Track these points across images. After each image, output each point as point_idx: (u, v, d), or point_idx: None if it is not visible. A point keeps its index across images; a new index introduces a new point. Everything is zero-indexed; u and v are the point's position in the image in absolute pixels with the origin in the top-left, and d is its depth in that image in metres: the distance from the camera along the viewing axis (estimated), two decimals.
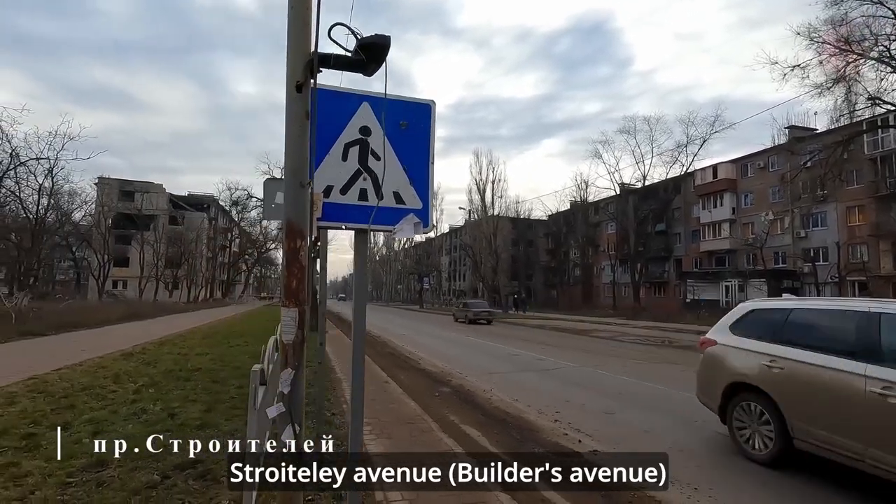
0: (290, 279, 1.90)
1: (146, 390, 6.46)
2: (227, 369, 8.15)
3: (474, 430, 5.39)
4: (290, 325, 1.89)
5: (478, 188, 44.63)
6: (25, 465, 3.67)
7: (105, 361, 9.08)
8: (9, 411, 5.27)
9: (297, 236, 1.93)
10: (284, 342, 1.91)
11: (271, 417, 1.89)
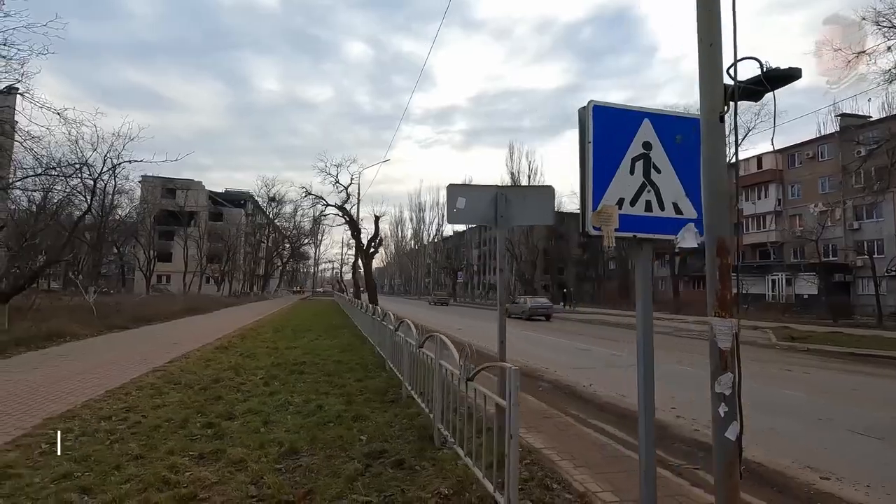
0: (723, 292, 2.07)
1: (273, 383, 6.80)
2: (329, 363, 8.46)
3: (609, 426, 5.53)
4: (726, 333, 2.05)
5: (513, 181, 44.47)
6: (232, 452, 3.96)
7: (206, 354, 9.54)
8: (169, 401, 5.65)
9: (725, 252, 2.09)
10: (721, 349, 2.07)
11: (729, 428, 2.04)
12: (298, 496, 3.26)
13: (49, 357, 9.07)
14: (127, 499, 3.14)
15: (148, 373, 7.51)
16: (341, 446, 4.20)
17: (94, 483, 3.35)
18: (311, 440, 4.34)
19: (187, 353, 9.62)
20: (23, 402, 5.60)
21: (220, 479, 3.49)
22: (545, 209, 3.93)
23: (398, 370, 6.96)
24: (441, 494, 3.29)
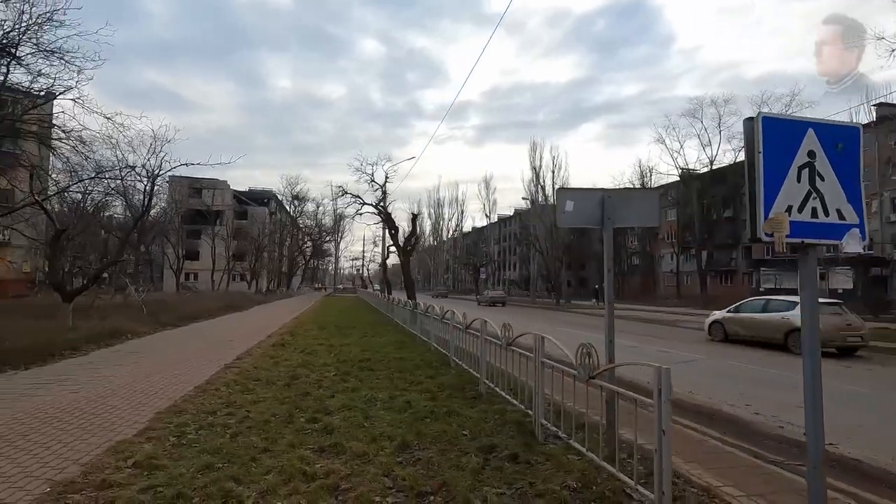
0: None
1: (348, 379, 7.02)
2: (392, 360, 8.64)
3: (686, 420, 5.61)
4: None
5: (536, 176, 44.35)
6: (351, 446, 4.16)
7: (268, 351, 9.84)
8: (262, 397, 5.89)
9: None
10: None
11: None
12: (434, 488, 3.44)
13: (121, 354, 9.46)
14: (278, 488, 3.35)
15: (222, 370, 7.81)
16: (448, 441, 4.37)
17: (239, 474, 3.56)
18: (418, 435, 4.52)
19: (249, 351, 9.94)
20: (127, 398, 5.90)
21: (352, 471, 3.68)
22: (651, 211, 4.03)
23: (470, 367, 7.14)
24: (570, 487, 3.43)
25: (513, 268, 79.70)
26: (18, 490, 3.30)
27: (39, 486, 3.36)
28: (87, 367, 7.98)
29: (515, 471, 3.74)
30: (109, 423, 4.87)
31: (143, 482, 3.42)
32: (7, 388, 6.26)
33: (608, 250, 4.01)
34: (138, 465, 3.73)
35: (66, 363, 8.30)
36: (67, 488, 3.33)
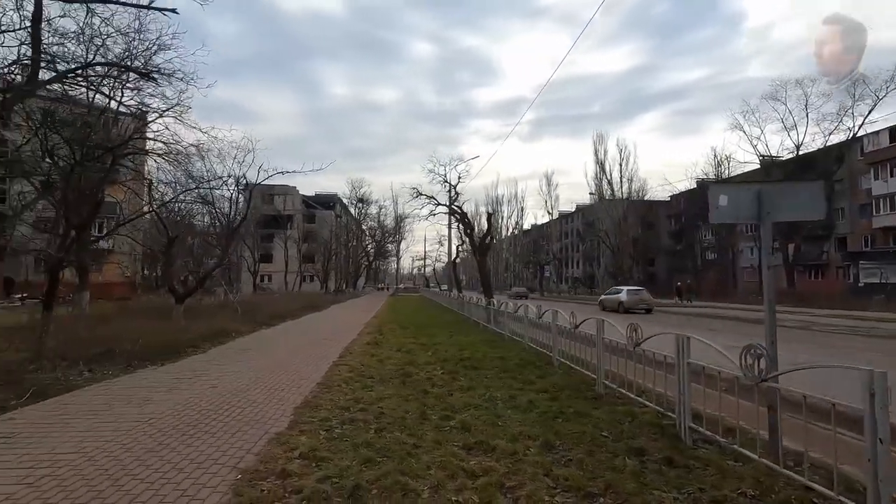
0: None
1: (459, 378, 7.13)
2: (492, 359, 8.67)
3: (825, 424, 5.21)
4: None
5: (602, 169, 42.98)
6: (496, 444, 4.22)
7: (367, 350, 10.19)
8: (385, 395, 6.11)
9: None
10: None
11: None
12: (600, 489, 3.41)
13: (235, 351, 10.15)
14: (446, 483, 3.46)
15: (333, 367, 8.17)
16: (591, 442, 4.32)
17: (403, 468, 3.70)
18: (557, 435, 4.50)
19: (348, 349, 10.35)
20: (262, 392, 6.31)
21: (509, 469, 3.73)
22: (815, 203, 3.77)
23: (576, 366, 7.05)
24: (747, 495, 3.29)
25: (576, 265, 77.83)
26: (213, 476, 3.61)
27: (230, 473, 3.66)
28: (211, 363, 8.63)
29: (677, 475, 3.63)
30: (259, 416, 5.22)
31: (318, 473, 3.64)
32: (157, 382, 6.88)
33: (766, 246, 3.80)
34: (305, 457, 3.97)
35: (191, 360, 9.02)
36: (254, 476, 3.60)
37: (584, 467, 3.78)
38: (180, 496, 3.27)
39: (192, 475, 3.62)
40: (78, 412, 5.28)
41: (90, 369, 7.65)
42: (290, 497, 3.27)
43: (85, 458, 3.92)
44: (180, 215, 23.63)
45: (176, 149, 12.97)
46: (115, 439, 4.38)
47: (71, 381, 6.96)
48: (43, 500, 3.19)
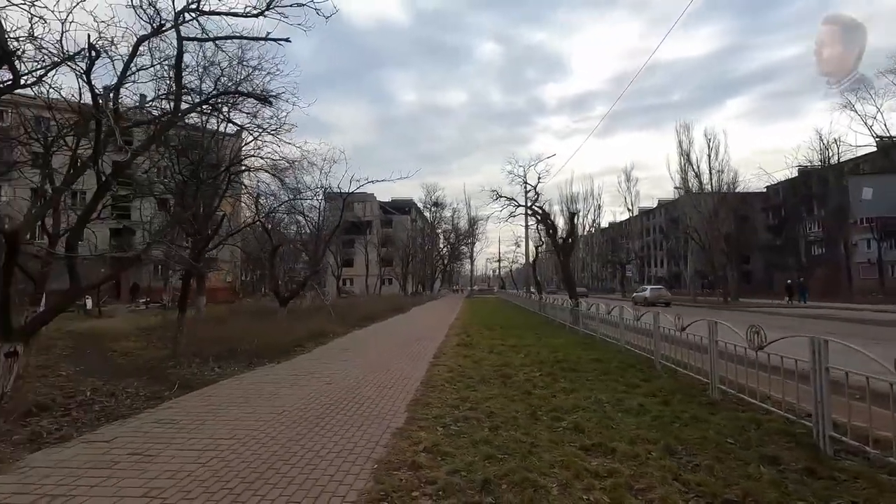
0: None
1: (559, 381, 7.12)
2: (589, 361, 8.56)
3: None
4: None
5: (687, 161, 40.44)
6: (616, 447, 4.20)
7: (459, 350, 10.43)
8: (490, 394, 6.27)
9: None
10: None
11: None
12: (738, 496, 3.30)
13: (336, 351, 10.83)
14: (573, 482, 3.52)
15: (431, 367, 8.48)
16: (717, 448, 4.16)
17: (528, 466, 3.81)
18: (677, 440, 4.39)
19: (440, 350, 10.67)
20: (374, 390, 6.72)
21: (634, 472, 3.71)
22: None
23: (689, 371, 6.77)
24: None
25: (658, 264, 73.81)
26: (352, 464, 3.94)
27: (366, 462, 3.97)
28: (319, 361, 9.29)
29: (823, 486, 3.42)
30: (376, 412, 5.58)
31: (446, 466, 3.85)
32: (278, 379, 7.55)
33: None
34: (429, 451, 4.21)
35: (300, 358, 9.76)
36: (388, 466, 3.89)
37: (714, 474, 3.67)
38: (329, 480, 3.61)
39: (333, 462, 3.98)
40: (221, 403, 5.96)
41: (219, 366, 8.54)
42: (426, 487, 3.50)
43: (240, 443, 4.44)
44: (279, 225, 25.50)
45: (275, 164, 14.13)
46: (259, 428, 4.90)
47: (206, 375, 7.82)
48: (217, 477, 3.67)
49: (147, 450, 4.24)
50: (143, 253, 7.13)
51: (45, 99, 6.71)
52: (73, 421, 5.14)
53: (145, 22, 6.86)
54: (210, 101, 7.65)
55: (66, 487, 3.46)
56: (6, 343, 5.56)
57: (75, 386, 6.66)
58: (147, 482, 3.56)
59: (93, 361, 9.13)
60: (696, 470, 3.76)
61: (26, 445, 4.38)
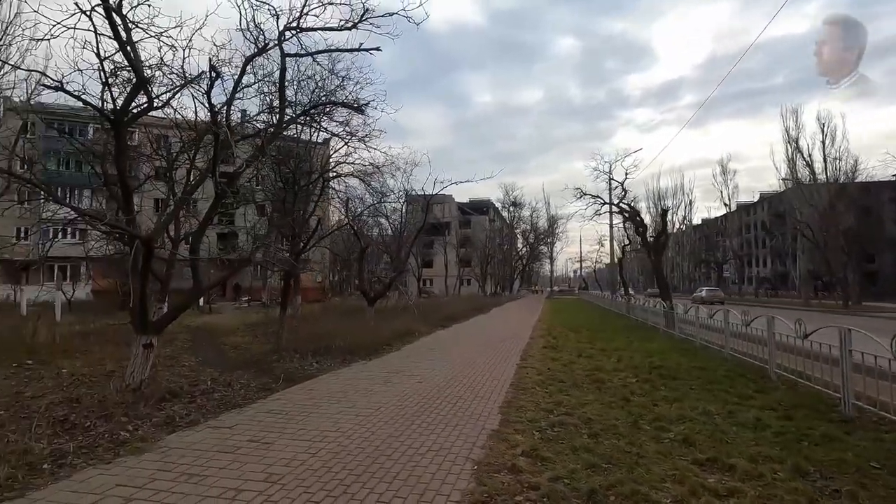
0: None
1: (660, 388, 6.72)
2: (689, 368, 8.02)
3: None
4: None
5: (797, 150, 36.45)
6: (734, 463, 3.86)
7: (547, 353, 10.22)
8: (585, 400, 6.05)
9: None
10: None
11: None
12: None
13: (423, 350, 11.05)
14: (689, 499, 3.27)
15: (519, 369, 8.37)
16: (860, 473, 3.68)
17: (635, 478, 3.61)
18: (807, 460, 3.94)
19: (526, 351, 10.52)
20: (464, 390, 6.76)
21: (760, 493, 3.37)
22: None
23: (813, 383, 6.08)
24: None
25: (760, 263, 67.35)
26: (452, 464, 3.98)
27: (465, 463, 3.98)
28: (408, 360, 9.53)
29: None
30: (469, 412, 5.60)
31: (547, 472, 3.75)
32: (372, 375, 7.86)
33: None
34: (528, 455, 4.13)
35: (390, 356, 10.08)
36: (488, 467, 3.87)
37: (859, 502, 3.24)
38: (432, 479, 3.67)
39: (433, 461, 4.04)
40: (322, 397, 6.30)
41: (317, 361, 9.06)
42: (529, 492, 3.43)
43: (344, 436, 4.65)
44: (365, 227, 26.62)
45: (363, 169, 14.74)
46: (360, 423, 5.11)
47: (306, 370, 8.32)
48: (327, 468, 3.87)
49: (263, 437, 4.59)
50: (251, 255, 7.73)
51: (171, 119, 7.58)
52: (198, 407, 5.70)
53: (251, 42, 7.49)
54: (309, 113, 8.15)
55: (199, 468, 3.83)
56: (143, 336, 6.31)
57: (197, 375, 7.40)
58: (266, 468, 3.84)
59: (209, 353, 10.09)
60: (836, 496, 3.35)
61: (163, 427, 4.92)
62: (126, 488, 3.45)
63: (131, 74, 6.33)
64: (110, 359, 8.51)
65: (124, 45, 5.74)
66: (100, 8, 5.31)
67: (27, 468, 3.71)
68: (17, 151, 12.26)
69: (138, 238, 5.73)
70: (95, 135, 17.62)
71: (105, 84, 5.84)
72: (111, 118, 6.12)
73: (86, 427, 4.76)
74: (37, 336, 10.11)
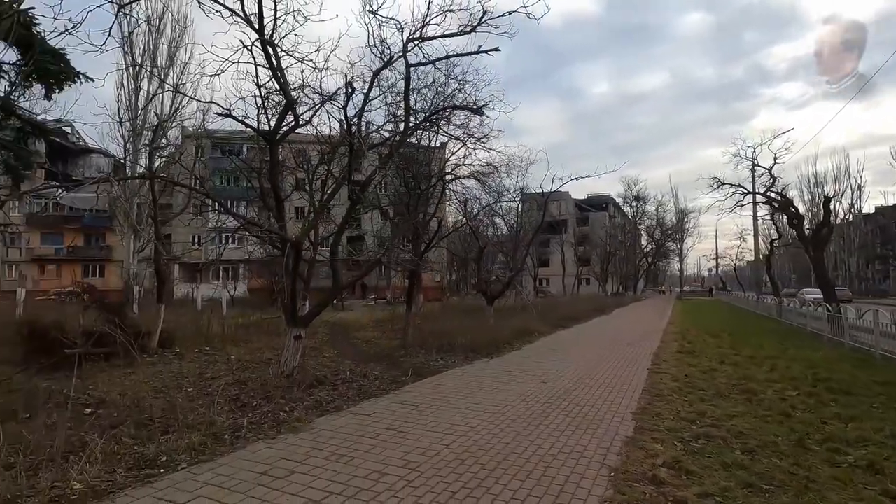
0: None
1: (830, 404, 5.82)
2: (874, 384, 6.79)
3: None
4: None
5: None
6: None
7: (680, 358, 9.42)
8: (736, 412, 5.46)
9: None
10: None
11: None
12: None
13: (543, 350, 10.87)
14: None
15: (651, 374, 7.81)
16: None
17: None
18: None
19: (657, 355, 9.78)
20: (590, 393, 6.51)
21: None
22: None
23: None
24: None
25: None
26: (586, 468, 3.84)
27: (601, 469, 3.82)
28: (529, 360, 9.44)
29: None
30: (599, 416, 5.37)
31: (694, 487, 3.44)
32: (495, 374, 7.93)
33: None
34: (670, 466, 3.83)
35: (511, 355, 10.08)
36: (627, 476, 3.67)
37: None
38: (566, 481, 3.58)
39: (566, 463, 3.94)
40: (450, 392, 6.51)
41: (441, 357, 9.39)
42: None
43: (473, 431, 4.76)
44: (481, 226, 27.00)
45: (480, 170, 14.93)
46: (487, 419, 5.18)
47: (431, 365, 8.68)
48: (460, 460, 3.99)
49: (399, 426, 4.88)
50: (382, 257, 8.28)
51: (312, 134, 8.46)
52: (340, 395, 6.25)
53: (376, 57, 8.04)
54: (430, 118, 8.51)
55: (346, 450, 4.20)
56: (294, 328, 7.10)
57: (336, 366, 8.12)
58: (404, 455, 4.08)
59: (344, 346, 11.02)
60: None
61: (313, 410, 5.48)
62: (288, 462, 3.91)
63: (281, 98, 7.18)
64: (266, 348, 9.74)
65: (276, 72, 6.53)
66: (258, 42, 6.09)
67: (213, 437, 4.38)
68: (193, 171, 14.63)
69: (290, 241, 6.46)
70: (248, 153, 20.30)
71: (262, 108, 6.70)
72: (266, 137, 7.00)
73: (253, 406, 5.50)
74: (210, 327, 11.95)
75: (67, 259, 37.98)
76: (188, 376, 7.14)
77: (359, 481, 3.53)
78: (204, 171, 17.69)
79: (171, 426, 4.53)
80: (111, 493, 3.31)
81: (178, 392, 5.86)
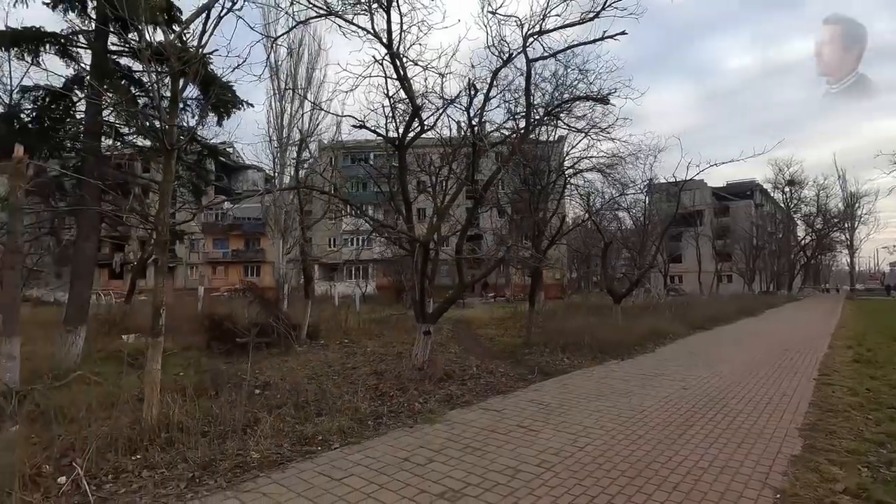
0: None
1: None
2: None
3: None
4: None
5: None
6: None
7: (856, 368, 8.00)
8: None
9: None
10: None
11: None
12: None
13: (681, 354, 9.96)
14: None
15: (818, 385, 6.75)
16: None
17: None
18: None
19: (825, 364, 8.41)
20: (742, 403, 5.83)
21: None
22: None
23: None
24: None
25: None
26: (745, 487, 3.45)
27: (763, 490, 3.40)
28: (665, 363, 8.74)
29: None
30: (755, 429, 4.78)
31: None
32: (627, 376, 7.51)
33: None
34: (854, 496, 3.28)
35: (643, 357, 9.44)
36: (796, 501, 3.23)
37: None
38: (720, 498, 3.26)
39: (718, 478, 3.59)
40: (579, 393, 6.32)
41: (567, 357, 9.14)
42: None
43: (609, 436, 4.56)
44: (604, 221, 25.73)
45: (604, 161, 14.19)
46: (623, 424, 4.92)
47: (557, 364, 8.48)
48: (596, 464, 3.85)
49: (530, 425, 4.87)
50: (505, 255, 8.33)
51: (434, 137, 8.81)
52: (468, 390, 6.42)
53: (495, 56, 8.07)
54: (552, 112, 8.33)
55: (479, 443, 4.30)
56: (423, 324, 7.46)
57: (463, 361, 8.35)
58: (538, 454, 4.05)
59: (468, 343, 11.28)
60: None
61: (445, 403, 5.71)
62: (426, 450, 4.12)
63: (407, 106, 7.59)
64: (397, 342, 10.38)
65: (403, 82, 6.92)
66: (387, 56, 6.52)
67: (358, 422, 4.80)
68: (329, 180, 16.13)
69: (419, 242, 6.80)
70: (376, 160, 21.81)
71: (391, 117, 7.15)
72: (395, 144, 7.46)
73: (390, 395, 5.90)
74: (347, 321, 13.08)
75: (232, 261, 44.65)
76: (333, 365, 7.91)
77: (494, 475, 3.60)
78: (339, 179, 19.43)
79: (322, 409, 5.06)
80: (281, 465, 3.80)
81: (327, 379, 6.52)
